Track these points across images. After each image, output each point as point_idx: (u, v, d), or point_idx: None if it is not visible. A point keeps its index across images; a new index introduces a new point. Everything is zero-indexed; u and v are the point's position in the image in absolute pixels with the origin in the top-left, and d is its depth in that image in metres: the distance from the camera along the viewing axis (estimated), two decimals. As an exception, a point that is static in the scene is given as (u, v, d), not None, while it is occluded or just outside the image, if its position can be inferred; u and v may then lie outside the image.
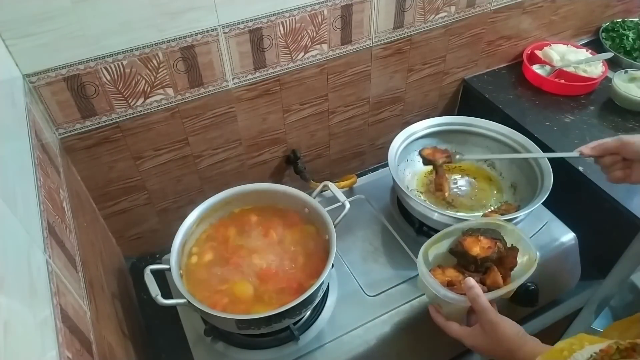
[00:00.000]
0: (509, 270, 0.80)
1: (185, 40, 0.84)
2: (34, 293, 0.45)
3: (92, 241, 0.80)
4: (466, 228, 0.83)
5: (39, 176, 0.61)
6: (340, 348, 0.83)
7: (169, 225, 1.07)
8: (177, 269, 0.78)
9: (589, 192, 1.03)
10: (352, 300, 0.89)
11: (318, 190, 0.93)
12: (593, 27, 1.44)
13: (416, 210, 0.94)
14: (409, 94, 1.23)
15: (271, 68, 0.96)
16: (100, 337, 0.62)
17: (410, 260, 0.95)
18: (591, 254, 1.06)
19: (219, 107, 0.96)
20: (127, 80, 0.83)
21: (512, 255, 0.81)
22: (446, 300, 0.74)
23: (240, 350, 0.83)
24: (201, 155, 1.01)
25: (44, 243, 0.53)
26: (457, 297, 0.73)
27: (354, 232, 1.00)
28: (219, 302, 0.79)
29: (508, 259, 0.80)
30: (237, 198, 0.90)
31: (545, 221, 1.02)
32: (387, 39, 1.07)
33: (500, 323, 0.69)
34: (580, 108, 1.22)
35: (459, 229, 0.84)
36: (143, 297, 0.96)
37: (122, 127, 0.88)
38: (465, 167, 1.10)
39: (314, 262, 0.83)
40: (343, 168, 1.28)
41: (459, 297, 0.73)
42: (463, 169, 1.09)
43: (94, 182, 0.92)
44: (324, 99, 1.09)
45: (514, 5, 1.20)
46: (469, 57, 1.25)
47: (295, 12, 0.91)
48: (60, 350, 0.46)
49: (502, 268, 0.79)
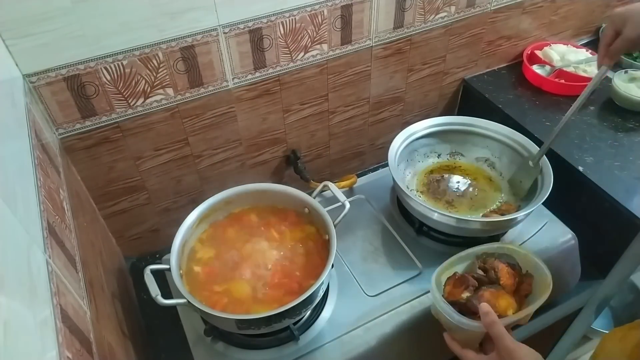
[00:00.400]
0: (523, 297, 0.79)
1: (185, 40, 0.84)
2: (34, 293, 0.45)
3: (92, 241, 0.80)
4: (480, 252, 0.83)
5: (39, 176, 0.61)
6: (340, 348, 0.83)
7: (169, 225, 1.07)
8: (177, 269, 0.78)
9: (589, 192, 1.03)
10: (352, 300, 0.89)
11: (318, 190, 0.93)
12: (593, 27, 1.44)
13: (416, 210, 0.94)
14: (409, 94, 1.23)
15: (271, 68, 0.96)
16: (100, 337, 0.62)
17: (411, 260, 0.95)
18: (591, 254, 1.06)
19: (219, 107, 0.96)
20: (127, 80, 0.83)
21: (527, 282, 0.80)
22: (461, 327, 0.73)
23: (240, 350, 0.83)
24: (201, 155, 1.01)
25: (44, 243, 0.53)
26: (473, 323, 0.72)
27: (354, 232, 1.00)
28: (219, 302, 0.79)
29: (523, 285, 0.80)
30: (237, 198, 0.90)
31: (545, 221, 1.02)
32: (387, 39, 1.07)
33: (518, 350, 0.66)
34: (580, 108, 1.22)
35: (472, 254, 0.83)
36: (143, 297, 0.96)
37: (122, 127, 0.88)
38: (465, 167, 1.10)
39: (314, 262, 0.84)
40: (343, 168, 1.28)
41: (474, 324, 0.71)
42: (463, 169, 1.10)
43: (94, 182, 0.92)
44: (324, 99, 1.09)
45: (514, 5, 1.20)
46: (469, 57, 1.25)
47: (295, 12, 0.91)
48: (60, 350, 0.46)
49: (517, 295, 0.79)
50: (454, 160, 1.11)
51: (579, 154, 1.08)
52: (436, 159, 1.11)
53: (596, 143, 1.11)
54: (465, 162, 1.10)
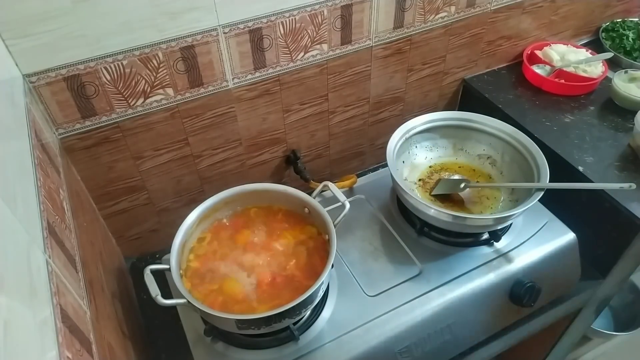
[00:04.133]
0: None
1: (185, 40, 0.84)
2: (34, 293, 0.45)
3: (92, 241, 0.80)
4: None
5: (39, 176, 0.61)
6: (340, 348, 0.83)
7: (169, 225, 1.07)
8: (177, 269, 0.78)
9: (589, 192, 1.03)
10: (352, 300, 0.89)
11: (318, 190, 0.93)
12: (593, 27, 1.44)
13: (416, 209, 0.94)
14: (409, 94, 1.23)
15: (271, 68, 0.96)
16: (100, 337, 0.62)
17: (411, 260, 0.95)
18: (591, 254, 1.06)
19: (219, 107, 0.96)
20: (127, 80, 0.83)
21: None
22: None
23: (240, 350, 0.83)
24: (201, 155, 1.01)
25: (44, 243, 0.53)
26: None
27: (353, 232, 1.00)
28: (219, 302, 0.79)
29: None
30: (237, 198, 0.90)
31: (545, 221, 1.02)
32: (387, 39, 1.07)
33: None
34: (580, 108, 1.22)
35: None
36: (143, 297, 0.96)
37: (122, 127, 0.88)
38: (466, 164, 1.09)
39: (314, 262, 0.84)
40: (343, 168, 1.28)
41: None
42: (464, 166, 1.09)
43: (94, 182, 0.92)
44: (324, 99, 1.09)
45: (514, 5, 1.20)
46: (469, 57, 1.25)
47: (295, 12, 0.91)
48: (60, 350, 0.46)
49: None
50: (455, 157, 1.11)
51: (579, 154, 1.08)
52: (436, 155, 1.11)
53: (596, 143, 1.11)
54: (466, 159, 1.10)
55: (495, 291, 0.94)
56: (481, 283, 0.92)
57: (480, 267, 0.94)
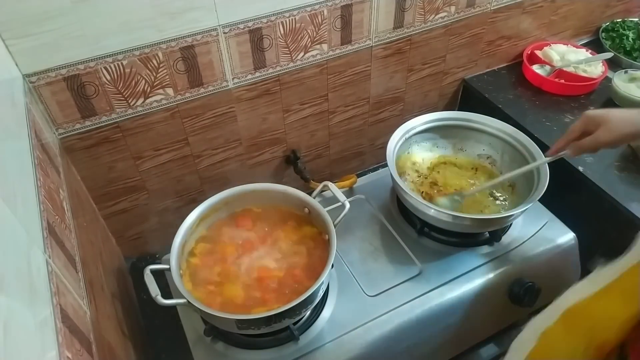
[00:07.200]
0: None
1: (185, 40, 0.84)
2: (34, 293, 0.45)
3: (92, 241, 0.80)
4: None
5: (39, 176, 0.61)
6: (340, 348, 0.83)
7: (169, 225, 1.07)
8: (177, 269, 0.78)
9: (589, 192, 1.03)
10: (352, 300, 0.89)
11: (318, 190, 0.93)
12: (593, 27, 1.44)
13: (416, 209, 0.94)
14: (409, 94, 1.23)
15: (271, 68, 0.96)
16: (100, 337, 0.62)
17: (411, 260, 0.95)
18: (591, 254, 1.06)
19: (219, 107, 0.96)
20: (127, 80, 0.83)
21: None
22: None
23: (240, 350, 0.83)
24: (201, 155, 1.01)
25: (44, 243, 0.53)
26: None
27: (353, 232, 1.00)
28: (218, 302, 0.79)
29: None
30: (237, 198, 0.90)
31: (545, 221, 1.01)
32: (387, 39, 1.07)
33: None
34: (580, 108, 1.22)
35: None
36: (143, 297, 0.96)
37: (122, 127, 0.88)
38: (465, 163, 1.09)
39: (314, 262, 0.84)
40: (343, 168, 1.28)
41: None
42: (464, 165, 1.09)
43: (94, 182, 0.92)
44: (324, 99, 1.09)
45: (514, 5, 1.20)
46: (469, 57, 1.25)
47: (295, 12, 0.91)
48: (60, 350, 0.46)
49: None
50: (455, 156, 1.11)
51: (579, 154, 1.08)
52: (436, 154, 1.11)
53: (596, 143, 1.11)
54: (466, 158, 1.10)
55: (495, 291, 0.94)
56: (481, 283, 0.92)
57: (480, 267, 0.94)
